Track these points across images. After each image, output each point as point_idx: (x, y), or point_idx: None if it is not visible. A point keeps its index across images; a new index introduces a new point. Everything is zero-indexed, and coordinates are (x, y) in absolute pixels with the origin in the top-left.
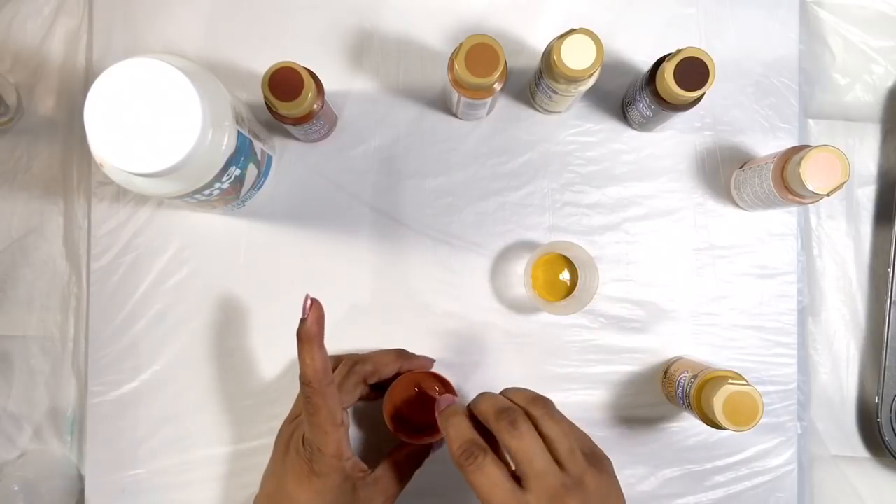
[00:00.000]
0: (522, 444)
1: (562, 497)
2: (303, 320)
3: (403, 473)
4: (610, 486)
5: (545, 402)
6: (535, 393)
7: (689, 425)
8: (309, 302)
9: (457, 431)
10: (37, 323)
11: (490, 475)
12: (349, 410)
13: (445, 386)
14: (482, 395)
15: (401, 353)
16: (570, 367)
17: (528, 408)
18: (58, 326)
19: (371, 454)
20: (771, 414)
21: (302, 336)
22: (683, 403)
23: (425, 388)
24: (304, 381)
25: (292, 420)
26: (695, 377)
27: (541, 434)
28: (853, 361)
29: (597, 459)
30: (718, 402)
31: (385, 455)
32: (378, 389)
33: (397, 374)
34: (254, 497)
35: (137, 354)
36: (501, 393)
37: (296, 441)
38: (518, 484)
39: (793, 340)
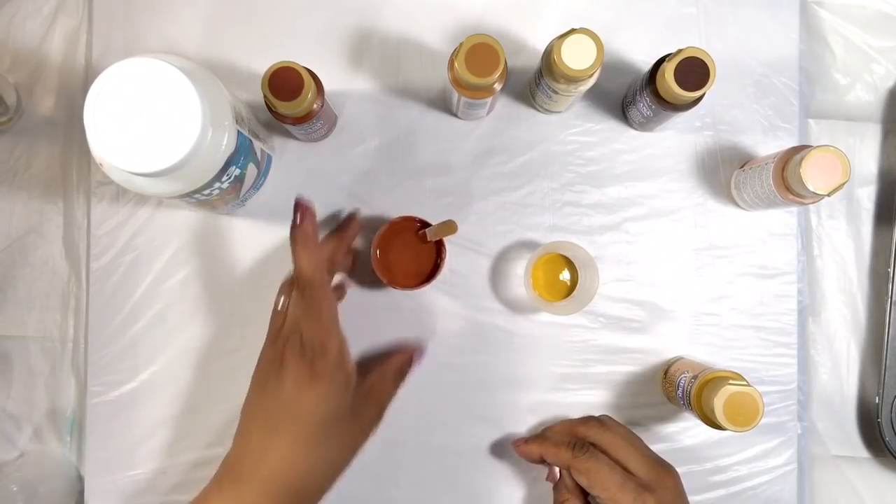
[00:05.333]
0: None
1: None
2: (296, 224)
3: (391, 385)
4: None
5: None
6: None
7: (689, 425)
8: (302, 208)
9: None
10: (36, 323)
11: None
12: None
13: (422, 223)
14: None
15: (345, 220)
16: (570, 367)
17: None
18: (57, 326)
19: None
20: (771, 414)
21: (298, 237)
22: (684, 403)
23: (408, 232)
24: (304, 280)
25: (276, 339)
26: (695, 377)
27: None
28: (853, 361)
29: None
30: (719, 403)
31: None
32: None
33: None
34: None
35: (137, 354)
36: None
37: (292, 348)
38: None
39: (793, 340)
